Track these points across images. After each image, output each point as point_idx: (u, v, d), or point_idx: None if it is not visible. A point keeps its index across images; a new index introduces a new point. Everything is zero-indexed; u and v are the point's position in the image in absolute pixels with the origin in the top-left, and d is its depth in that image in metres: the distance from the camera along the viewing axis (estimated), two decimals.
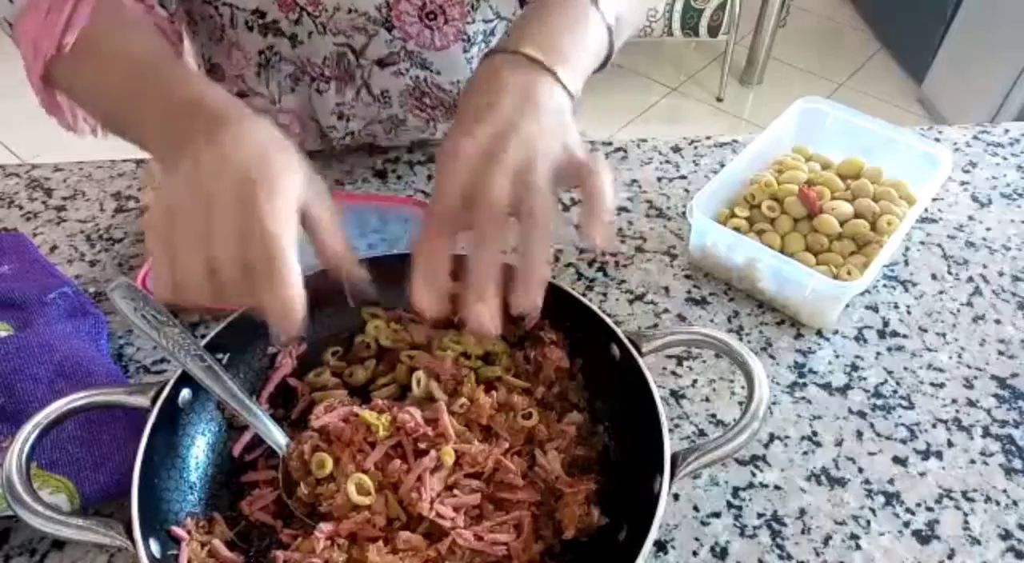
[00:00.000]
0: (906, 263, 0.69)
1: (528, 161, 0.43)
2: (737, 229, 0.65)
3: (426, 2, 0.67)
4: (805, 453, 0.55)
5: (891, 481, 0.54)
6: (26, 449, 0.43)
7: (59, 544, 0.50)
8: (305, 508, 0.49)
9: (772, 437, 0.56)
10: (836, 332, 0.63)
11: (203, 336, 0.51)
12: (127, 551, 0.42)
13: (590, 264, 0.69)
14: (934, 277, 0.68)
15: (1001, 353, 0.62)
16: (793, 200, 0.65)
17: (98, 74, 0.53)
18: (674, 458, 0.45)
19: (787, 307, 0.64)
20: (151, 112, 0.48)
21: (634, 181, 0.77)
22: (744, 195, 0.68)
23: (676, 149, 0.81)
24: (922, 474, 0.54)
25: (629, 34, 0.57)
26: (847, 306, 0.65)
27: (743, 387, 0.58)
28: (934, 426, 0.57)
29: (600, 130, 2.39)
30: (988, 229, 0.72)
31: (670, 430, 0.52)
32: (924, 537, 0.51)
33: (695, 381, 0.60)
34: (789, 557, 0.50)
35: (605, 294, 0.66)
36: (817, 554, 0.50)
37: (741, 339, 0.63)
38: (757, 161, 0.70)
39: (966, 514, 0.52)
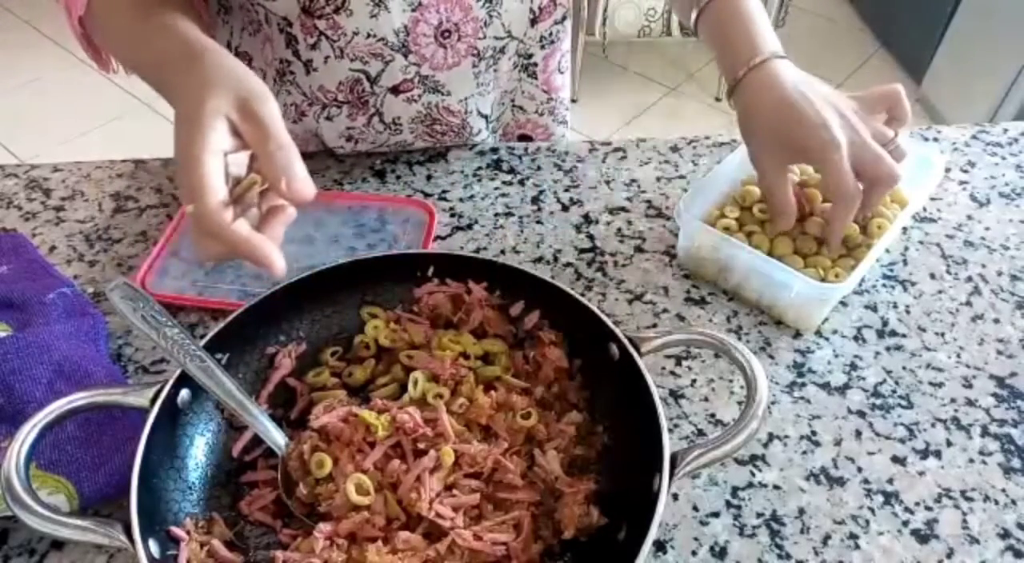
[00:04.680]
0: (905, 263, 0.69)
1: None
2: (726, 229, 0.64)
3: (442, 21, 0.68)
4: (804, 453, 0.55)
5: (890, 480, 0.54)
6: (25, 449, 0.43)
7: (58, 545, 0.50)
8: (304, 508, 0.49)
9: (771, 437, 0.56)
10: (835, 332, 0.63)
11: (202, 336, 0.51)
12: (126, 551, 0.42)
13: (589, 264, 0.69)
14: (933, 277, 0.68)
15: (1000, 352, 0.62)
16: None
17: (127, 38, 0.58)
18: (673, 458, 0.45)
19: (772, 309, 0.64)
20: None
21: (633, 181, 0.77)
22: (734, 196, 0.68)
23: (675, 149, 0.81)
24: (921, 473, 0.54)
25: None
26: (845, 306, 0.65)
27: (742, 387, 0.58)
28: (933, 425, 0.57)
29: (599, 130, 2.39)
30: (987, 229, 0.73)
31: (669, 430, 0.52)
32: (923, 536, 0.51)
33: (694, 381, 0.60)
34: (788, 557, 0.50)
35: (604, 294, 0.66)
36: (816, 554, 0.50)
37: (740, 339, 0.63)
38: (749, 162, 0.70)
39: (965, 513, 0.52)
